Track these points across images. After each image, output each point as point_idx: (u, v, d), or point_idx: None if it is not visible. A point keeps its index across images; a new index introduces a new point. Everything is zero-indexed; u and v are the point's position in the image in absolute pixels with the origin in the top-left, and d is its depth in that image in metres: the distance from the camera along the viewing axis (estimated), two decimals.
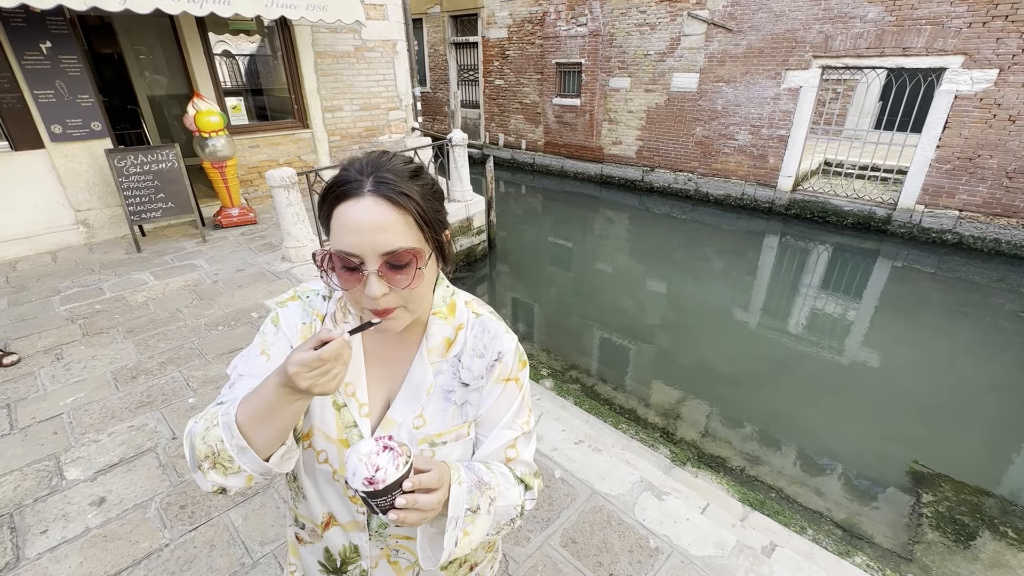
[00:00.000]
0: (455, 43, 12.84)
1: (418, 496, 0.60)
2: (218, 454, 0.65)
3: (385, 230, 0.63)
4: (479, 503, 0.69)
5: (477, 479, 0.71)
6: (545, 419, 2.69)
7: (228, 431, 0.64)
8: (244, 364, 0.77)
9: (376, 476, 0.57)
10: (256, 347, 0.77)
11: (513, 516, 0.77)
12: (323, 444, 0.75)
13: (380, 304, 0.64)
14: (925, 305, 5.75)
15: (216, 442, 0.65)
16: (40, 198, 4.82)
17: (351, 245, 0.63)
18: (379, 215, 0.62)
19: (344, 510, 0.79)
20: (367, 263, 0.63)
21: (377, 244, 0.62)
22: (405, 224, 0.64)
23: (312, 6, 5.05)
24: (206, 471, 0.66)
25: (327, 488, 0.79)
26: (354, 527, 0.80)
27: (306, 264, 4.51)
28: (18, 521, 2.00)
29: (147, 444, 2.41)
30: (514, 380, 0.80)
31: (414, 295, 0.68)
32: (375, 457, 0.58)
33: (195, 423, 0.70)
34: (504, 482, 0.76)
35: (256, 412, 0.63)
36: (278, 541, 1.92)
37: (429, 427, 0.76)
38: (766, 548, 1.99)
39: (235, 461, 0.65)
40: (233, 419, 0.64)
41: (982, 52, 6.20)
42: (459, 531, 0.67)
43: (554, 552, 1.92)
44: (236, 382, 0.75)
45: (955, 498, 3.14)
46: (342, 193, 0.64)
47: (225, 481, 0.66)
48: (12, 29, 4.31)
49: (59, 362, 3.07)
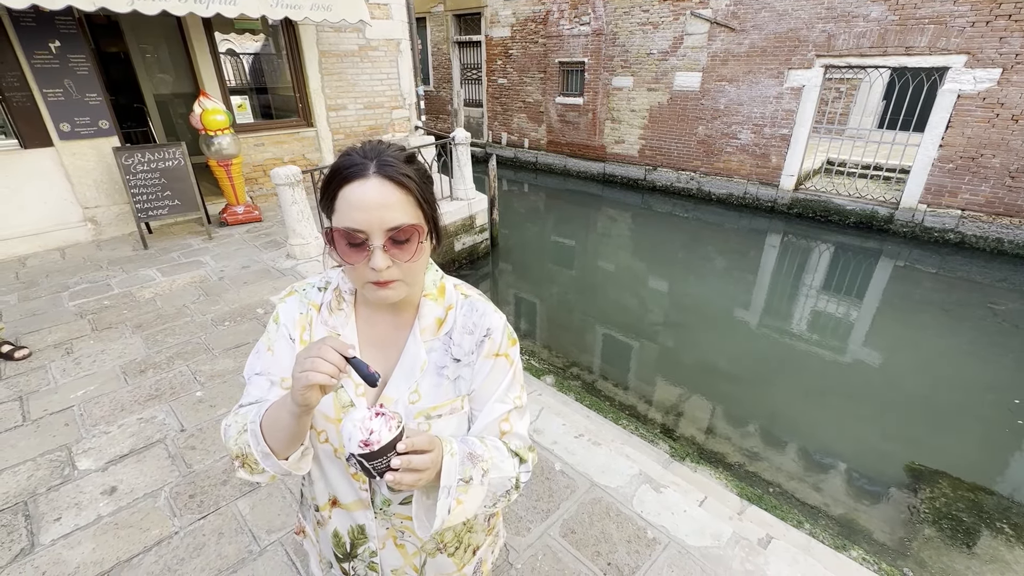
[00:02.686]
0: (458, 42, 12.87)
1: (412, 457, 0.63)
2: (247, 456, 0.74)
3: (390, 208, 0.68)
4: (471, 474, 0.72)
5: (469, 451, 0.74)
6: (546, 414, 2.73)
7: (255, 438, 0.73)
8: (257, 363, 0.83)
9: (371, 438, 0.60)
10: (262, 345, 0.83)
11: (508, 488, 0.80)
12: (323, 424, 0.79)
13: (383, 276, 0.69)
14: (926, 305, 5.76)
15: (244, 446, 0.74)
16: (49, 195, 4.88)
17: (358, 222, 0.67)
18: (384, 194, 0.68)
19: (348, 489, 0.83)
20: (372, 238, 0.68)
21: (384, 220, 0.68)
22: (407, 203, 0.70)
23: (317, 6, 5.09)
24: (237, 469, 0.77)
25: (330, 467, 0.83)
26: (359, 506, 0.84)
27: (310, 261, 4.56)
28: (32, 509, 2.06)
29: (156, 436, 2.46)
30: (504, 356, 0.83)
31: (413, 268, 0.73)
32: (368, 422, 0.61)
33: (227, 425, 0.80)
34: (498, 455, 0.78)
35: (270, 424, 0.71)
36: (284, 529, 1.97)
37: (424, 401, 0.79)
38: (762, 540, 2.03)
39: (260, 464, 0.73)
40: (259, 427, 0.72)
41: (985, 51, 6.20)
42: (452, 500, 0.70)
43: (554, 542, 1.96)
44: (251, 381, 0.83)
45: (952, 494, 3.16)
46: (349, 175, 0.69)
47: (252, 478, 0.77)
48: (22, 29, 4.37)
49: (69, 356, 3.13)
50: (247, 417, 0.76)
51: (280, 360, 0.81)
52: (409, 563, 0.88)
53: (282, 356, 0.81)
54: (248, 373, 0.83)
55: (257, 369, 0.82)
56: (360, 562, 0.89)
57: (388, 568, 0.88)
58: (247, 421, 0.75)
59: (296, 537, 1.04)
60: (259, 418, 0.73)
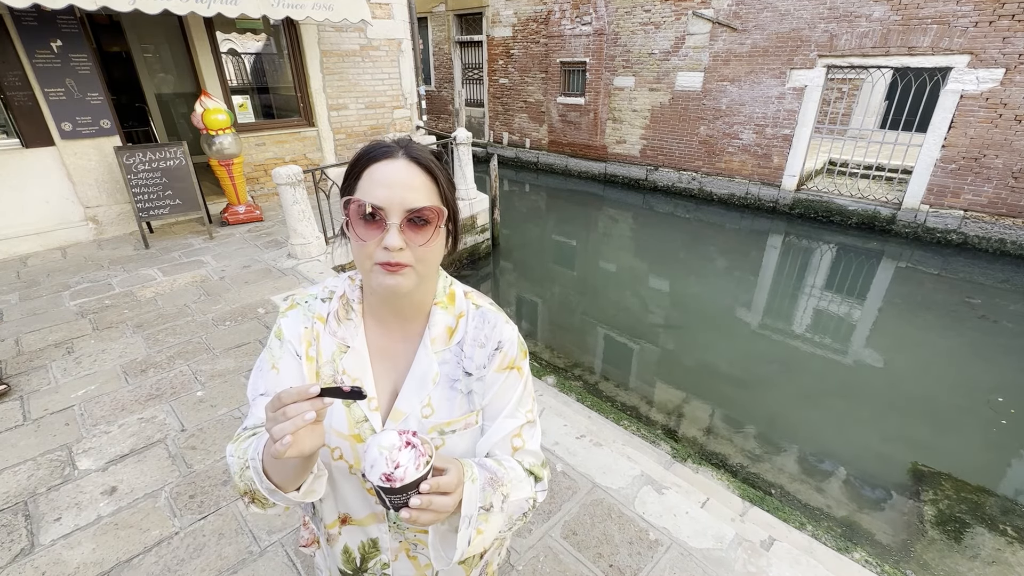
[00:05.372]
0: (460, 42, 12.86)
1: (433, 498, 0.59)
2: (254, 492, 0.71)
3: (414, 189, 0.68)
4: (492, 501, 0.69)
5: (490, 476, 0.71)
6: (547, 414, 2.72)
7: (258, 475, 0.68)
8: (260, 383, 0.79)
9: (395, 474, 0.55)
10: (266, 363, 0.79)
11: (525, 510, 0.77)
12: (336, 441, 0.75)
13: (394, 257, 0.67)
14: (928, 305, 5.74)
15: (250, 483, 0.70)
16: (50, 195, 4.88)
17: (379, 198, 0.67)
18: (411, 175, 0.68)
19: (362, 504, 0.80)
20: (390, 216, 0.67)
21: (405, 200, 0.67)
22: (430, 189, 0.70)
23: (318, 5, 5.08)
24: (247, 505, 0.74)
25: (344, 484, 0.79)
26: (373, 520, 0.81)
27: (311, 261, 4.56)
28: (32, 509, 2.05)
29: (157, 436, 2.46)
30: (516, 368, 0.80)
31: (427, 256, 0.71)
32: (396, 453, 0.56)
33: (232, 456, 0.76)
34: (515, 477, 0.76)
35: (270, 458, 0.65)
36: (285, 530, 1.96)
37: (437, 416, 0.77)
38: (765, 542, 2.02)
39: (269, 500, 0.70)
40: (260, 464, 0.68)
41: (988, 51, 6.18)
42: (472, 530, 0.66)
43: (555, 543, 1.96)
44: (255, 402, 0.78)
45: (955, 496, 3.15)
46: (378, 154, 0.70)
47: (265, 512, 0.74)
48: (24, 28, 4.37)
49: (70, 356, 3.13)
50: (247, 453, 0.72)
51: (285, 379, 0.76)
52: (421, 573, 0.86)
53: (288, 374, 0.77)
54: (252, 394, 0.79)
55: (261, 389, 0.78)
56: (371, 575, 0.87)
57: None
58: (247, 457, 0.71)
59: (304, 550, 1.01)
60: (259, 455, 0.68)
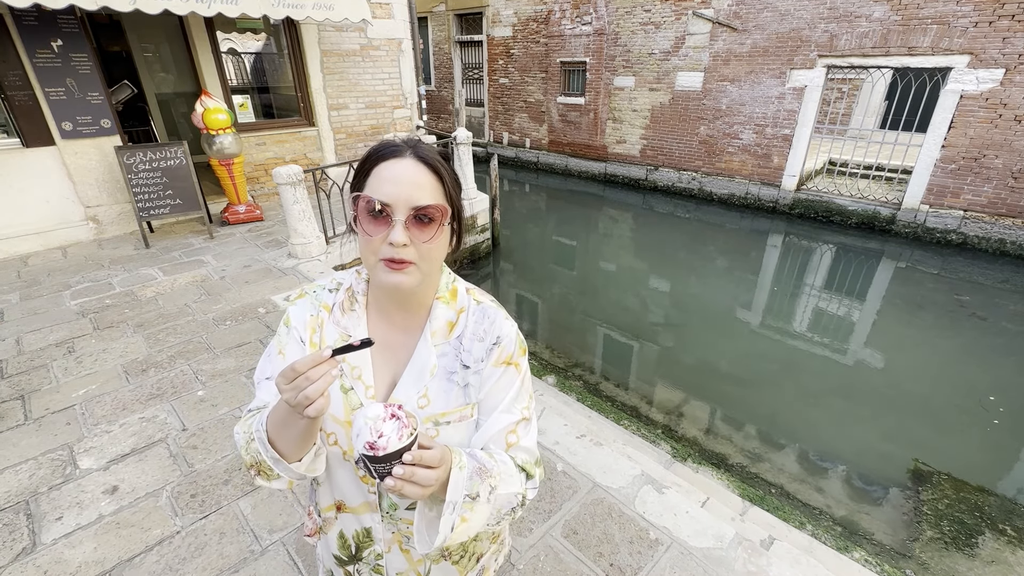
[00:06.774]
0: (460, 41, 12.86)
1: (416, 469, 0.60)
2: (260, 463, 0.73)
3: (421, 187, 0.70)
4: (479, 490, 0.69)
5: (479, 466, 0.71)
6: (548, 414, 2.72)
7: (263, 445, 0.71)
8: (267, 367, 0.81)
9: (378, 442, 0.58)
10: (273, 348, 0.82)
11: (514, 505, 0.77)
12: (332, 426, 0.77)
13: (398, 253, 0.69)
14: (928, 305, 5.75)
15: (256, 454, 0.73)
16: (50, 194, 4.88)
17: (386, 194, 0.68)
18: (418, 174, 0.70)
19: (356, 492, 0.82)
20: (396, 212, 0.68)
21: (411, 198, 0.69)
22: (437, 188, 0.72)
23: (319, 5, 5.08)
24: (254, 477, 0.76)
25: (339, 470, 0.81)
26: (366, 508, 0.83)
27: (312, 261, 4.56)
28: (34, 508, 2.06)
29: (158, 435, 2.46)
30: (513, 364, 0.81)
31: (430, 254, 0.72)
32: (380, 423, 0.59)
33: (238, 433, 0.78)
34: (505, 471, 0.76)
35: (276, 428, 0.70)
36: (286, 529, 1.97)
37: (433, 406, 0.78)
38: (765, 541, 2.03)
39: (274, 470, 0.72)
40: (265, 434, 0.70)
41: (988, 52, 6.18)
42: (456, 516, 0.67)
43: (556, 543, 1.96)
44: (260, 385, 0.81)
45: (955, 496, 3.15)
46: (387, 153, 0.71)
47: (271, 485, 0.75)
48: (24, 28, 4.37)
49: (71, 355, 3.13)
50: (252, 426, 0.74)
51: None
52: (414, 568, 0.88)
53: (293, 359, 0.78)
54: (258, 377, 0.82)
55: (268, 373, 0.81)
56: (365, 565, 0.88)
57: (393, 571, 0.88)
58: (253, 430, 0.74)
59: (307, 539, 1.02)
60: (263, 425, 0.71)
